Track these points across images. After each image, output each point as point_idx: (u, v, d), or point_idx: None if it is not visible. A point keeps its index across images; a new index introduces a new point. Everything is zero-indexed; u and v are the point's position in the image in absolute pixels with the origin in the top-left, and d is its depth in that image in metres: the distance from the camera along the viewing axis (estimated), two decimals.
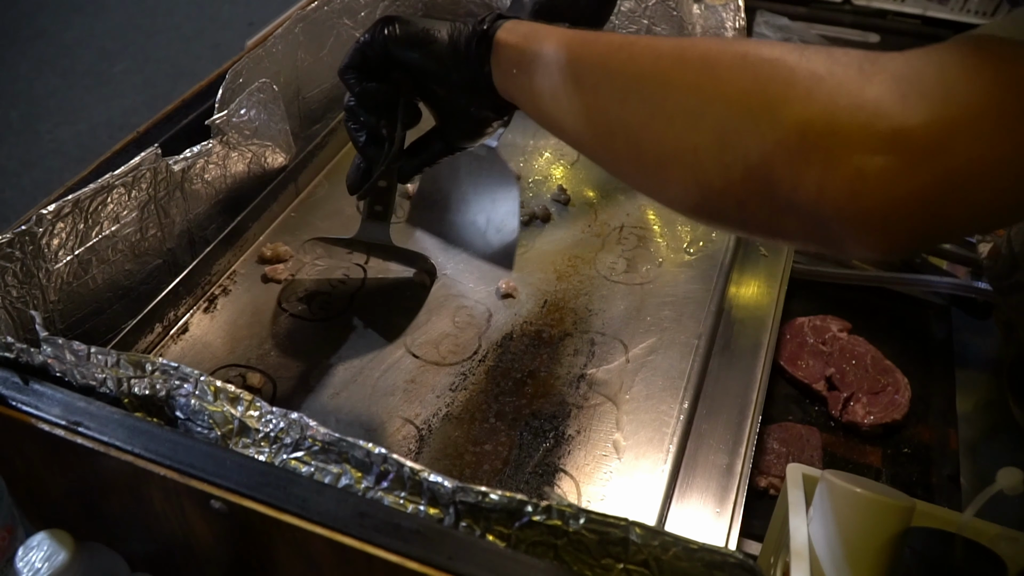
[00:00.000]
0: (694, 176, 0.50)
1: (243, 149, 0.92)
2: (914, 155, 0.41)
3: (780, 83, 0.45)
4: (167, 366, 0.60)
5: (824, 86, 0.44)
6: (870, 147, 0.41)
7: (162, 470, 0.56)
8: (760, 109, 0.46)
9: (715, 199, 0.50)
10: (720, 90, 0.48)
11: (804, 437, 0.88)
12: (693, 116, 0.49)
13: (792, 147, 0.44)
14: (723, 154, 0.48)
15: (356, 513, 0.53)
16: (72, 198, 0.73)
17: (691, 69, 0.50)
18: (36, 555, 0.60)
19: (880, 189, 0.42)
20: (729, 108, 0.47)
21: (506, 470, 0.72)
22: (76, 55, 3.10)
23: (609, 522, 0.50)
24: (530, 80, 0.62)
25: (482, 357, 0.82)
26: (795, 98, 0.44)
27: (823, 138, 0.43)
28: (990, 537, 0.58)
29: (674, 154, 0.51)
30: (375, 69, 0.71)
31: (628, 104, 0.54)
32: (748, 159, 0.46)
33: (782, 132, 0.45)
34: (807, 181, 0.44)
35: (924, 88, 0.42)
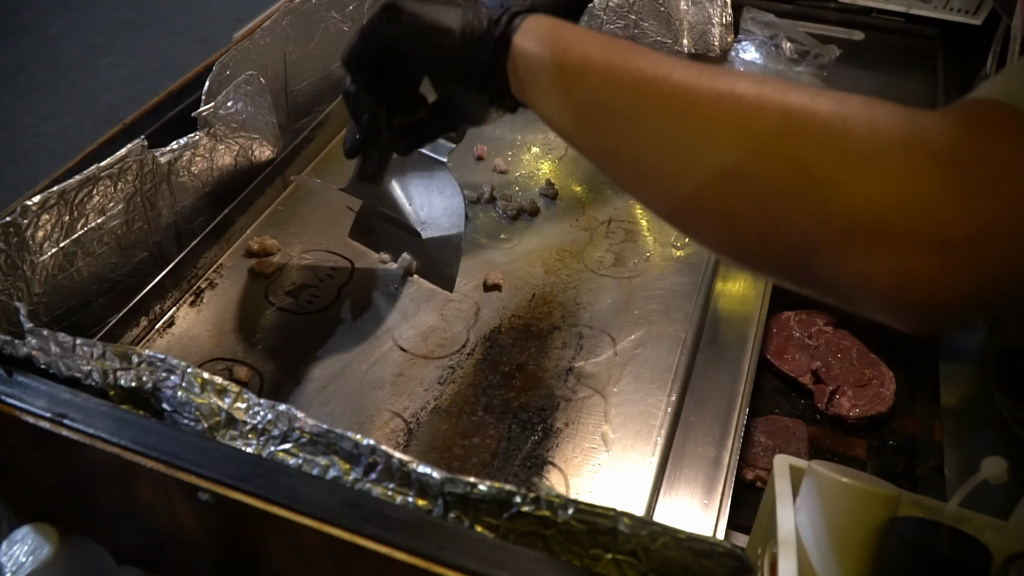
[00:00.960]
0: (730, 238, 0.50)
1: (230, 142, 0.91)
2: (958, 254, 0.41)
3: (827, 162, 0.44)
4: (154, 358, 0.60)
5: (871, 172, 0.43)
6: (915, 245, 0.41)
7: (149, 462, 0.56)
8: (806, 189, 0.45)
9: (751, 259, 0.50)
10: (762, 157, 0.46)
11: (790, 430, 0.88)
12: (732, 181, 0.48)
13: (837, 234, 0.44)
14: (763, 225, 0.47)
15: (346, 504, 0.53)
16: (57, 189, 0.73)
17: (730, 124, 0.48)
18: (20, 549, 0.60)
19: (924, 287, 0.42)
20: (771, 180, 0.46)
21: (495, 463, 0.72)
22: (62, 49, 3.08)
23: (598, 512, 0.50)
24: (550, 94, 0.58)
25: (470, 350, 0.82)
26: (843, 183, 0.43)
27: (869, 231, 0.42)
28: (975, 525, 0.58)
29: (710, 215, 0.50)
30: (378, 59, 0.68)
31: (661, 151, 0.51)
32: (790, 236, 0.46)
33: (828, 217, 0.44)
34: (849, 269, 0.44)
35: (969, 178, 0.41)
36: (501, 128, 1.14)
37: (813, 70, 1.30)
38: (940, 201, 0.41)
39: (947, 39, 1.45)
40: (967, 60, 1.38)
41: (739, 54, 1.30)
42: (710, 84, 0.50)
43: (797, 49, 1.32)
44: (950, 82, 1.35)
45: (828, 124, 0.45)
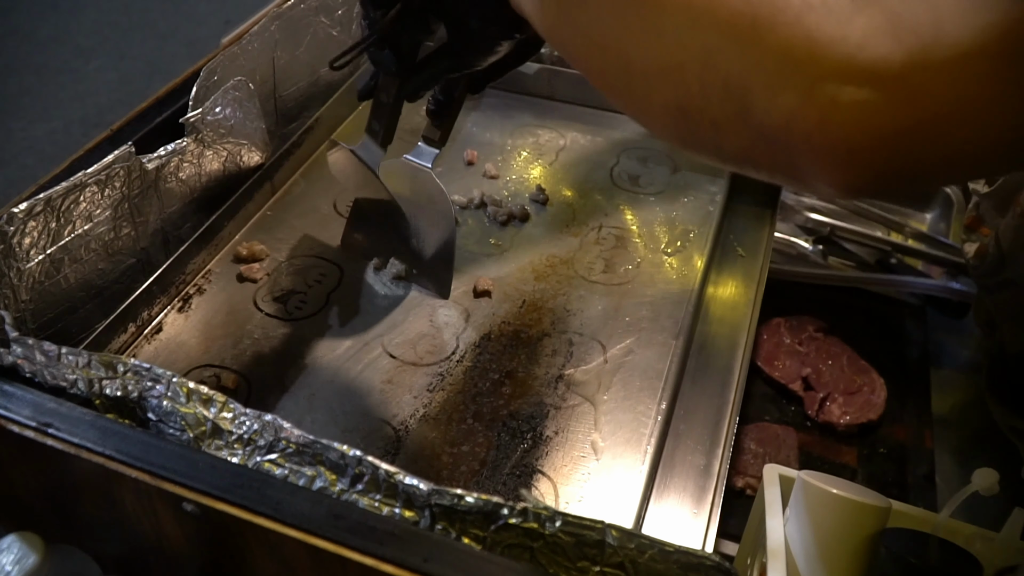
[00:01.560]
0: (675, 94, 0.50)
1: (218, 147, 0.91)
2: (891, 92, 0.40)
3: (770, 6, 0.44)
4: (139, 367, 0.59)
5: (814, 13, 0.43)
6: (847, 77, 0.41)
7: (134, 472, 0.55)
8: (747, 30, 0.45)
9: (694, 120, 0.50)
10: (711, 9, 0.47)
11: (780, 437, 0.88)
12: (682, 34, 0.48)
13: (771, 70, 0.44)
14: (705, 73, 0.47)
15: (330, 515, 0.52)
16: (44, 196, 0.72)
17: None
18: (5, 558, 0.59)
19: (851, 121, 0.41)
20: (718, 28, 0.46)
21: (483, 471, 0.71)
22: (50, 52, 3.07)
23: (585, 524, 0.50)
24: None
25: (460, 357, 0.82)
26: (782, 23, 0.43)
27: (802, 64, 0.42)
28: (965, 537, 0.58)
29: (660, 71, 0.50)
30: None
31: (625, 20, 0.52)
32: (728, 80, 0.46)
33: (763, 54, 0.44)
34: (780, 106, 0.43)
35: (915, 23, 0.40)
36: (491, 133, 1.13)
37: None
38: (881, 38, 0.40)
39: None
40: None
41: None
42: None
43: None
44: None
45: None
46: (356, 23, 1.13)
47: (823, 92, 0.41)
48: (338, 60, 0.74)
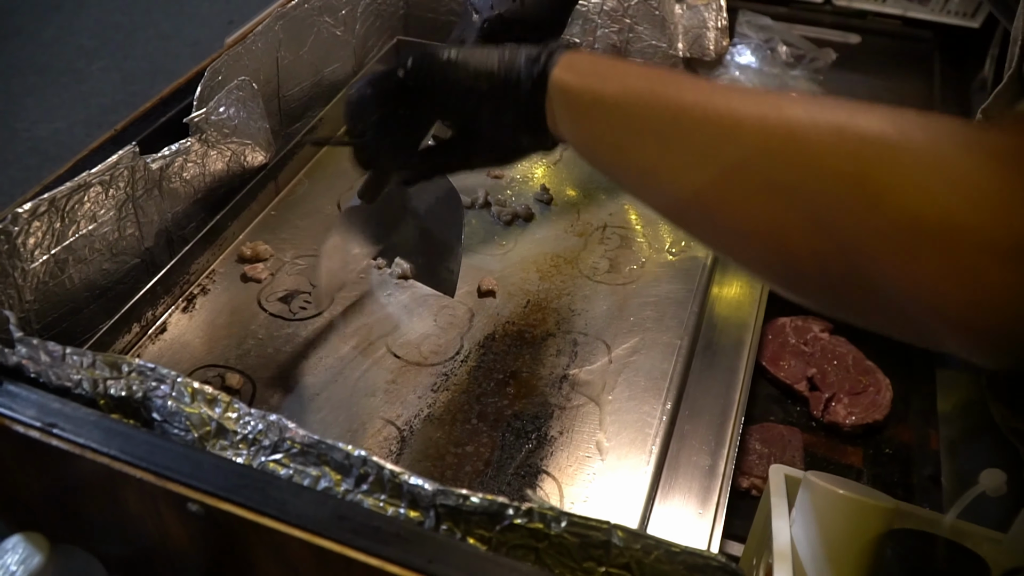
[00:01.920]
0: (780, 257, 0.47)
1: (222, 147, 0.91)
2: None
3: (884, 168, 0.41)
4: (143, 367, 0.59)
5: (933, 174, 0.39)
6: (988, 249, 0.37)
7: (138, 472, 0.55)
8: (863, 196, 0.41)
9: (804, 281, 0.47)
10: (814, 169, 0.43)
11: (786, 438, 0.88)
12: (782, 194, 0.45)
13: (899, 241, 0.40)
14: (816, 239, 0.44)
15: (335, 516, 0.52)
16: (48, 196, 0.72)
17: (777, 141, 0.46)
18: (11, 558, 0.59)
19: (1000, 294, 0.37)
20: (824, 190, 0.43)
21: (488, 471, 0.71)
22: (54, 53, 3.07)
23: (591, 525, 0.50)
24: (590, 127, 0.57)
25: (464, 357, 0.82)
26: (902, 189, 0.40)
27: (936, 234, 0.38)
28: (972, 539, 0.58)
29: (756, 232, 0.47)
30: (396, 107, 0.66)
31: (703, 174, 0.49)
32: (846, 248, 0.42)
33: (887, 223, 0.40)
34: (916, 280, 0.39)
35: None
36: None
37: (809, 74, 1.30)
38: (1011, 201, 0.37)
39: (944, 42, 1.44)
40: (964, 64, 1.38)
41: (734, 58, 1.30)
42: (754, 105, 0.48)
43: (793, 53, 1.32)
44: (947, 86, 1.35)
45: (883, 132, 0.42)
46: (359, 23, 1.13)
47: (967, 262, 0.38)
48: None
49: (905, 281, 0.40)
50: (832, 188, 0.43)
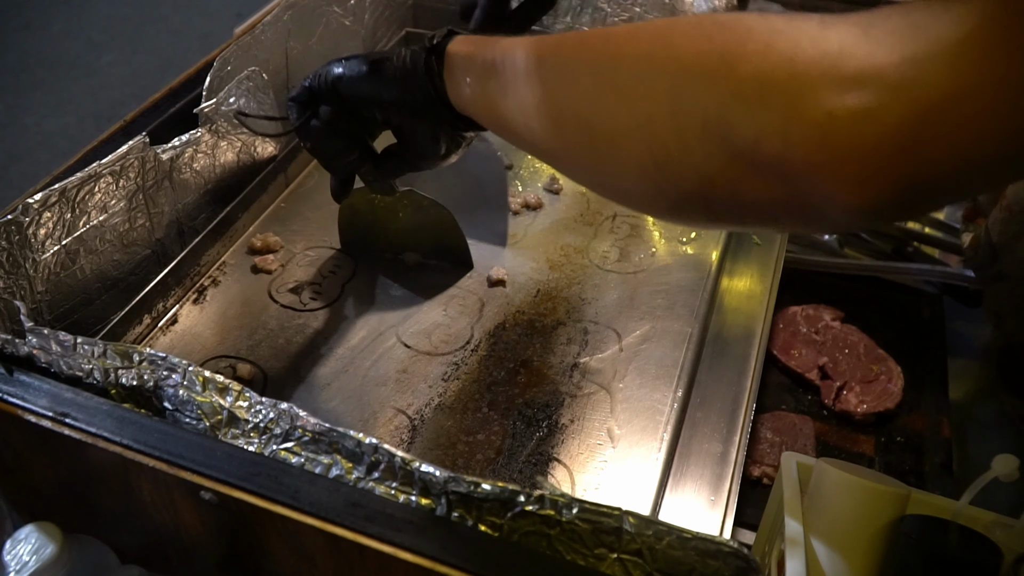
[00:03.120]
0: (649, 150, 0.48)
1: (232, 138, 0.91)
2: (885, 90, 0.38)
3: (736, 39, 0.43)
4: (155, 356, 0.60)
5: (783, 36, 0.41)
6: (836, 87, 0.39)
7: (151, 461, 0.55)
8: (715, 65, 0.44)
9: (676, 174, 0.47)
10: (673, 55, 0.46)
11: (797, 426, 0.88)
12: (645, 85, 0.48)
13: (751, 98, 0.42)
14: (678, 118, 0.46)
15: (348, 503, 0.52)
16: (59, 187, 0.72)
17: (643, 41, 0.49)
18: (24, 548, 0.59)
19: (851, 129, 0.39)
20: (683, 70, 0.45)
21: (499, 460, 0.71)
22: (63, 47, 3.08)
23: (603, 511, 0.50)
24: (484, 87, 0.61)
25: (475, 347, 0.82)
26: (753, 52, 0.42)
27: (784, 84, 0.40)
28: (985, 524, 0.58)
29: (627, 129, 0.49)
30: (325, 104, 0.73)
31: (579, 86, 0.52)
32: (706, 119, 0.44)
33: (739, 84, 0.42)
34: (770, 131, 0.41)
35: (890, 27, 0.39)
36: None
37: None
38: (860, 45, 0.39)
39: None
40: None
41: None
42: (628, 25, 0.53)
43: None
44: None
45: (741, 16, 0.45)
46: (368, 13, 1.13)
47: (815, 106, 0.39)
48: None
49: (762, 136, 0.41)
50: (689, 67, 0.45)
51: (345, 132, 0.74)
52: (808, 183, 0.41)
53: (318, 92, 0.72)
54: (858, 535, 0.57)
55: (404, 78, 0.67)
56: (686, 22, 0.49)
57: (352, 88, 0.71)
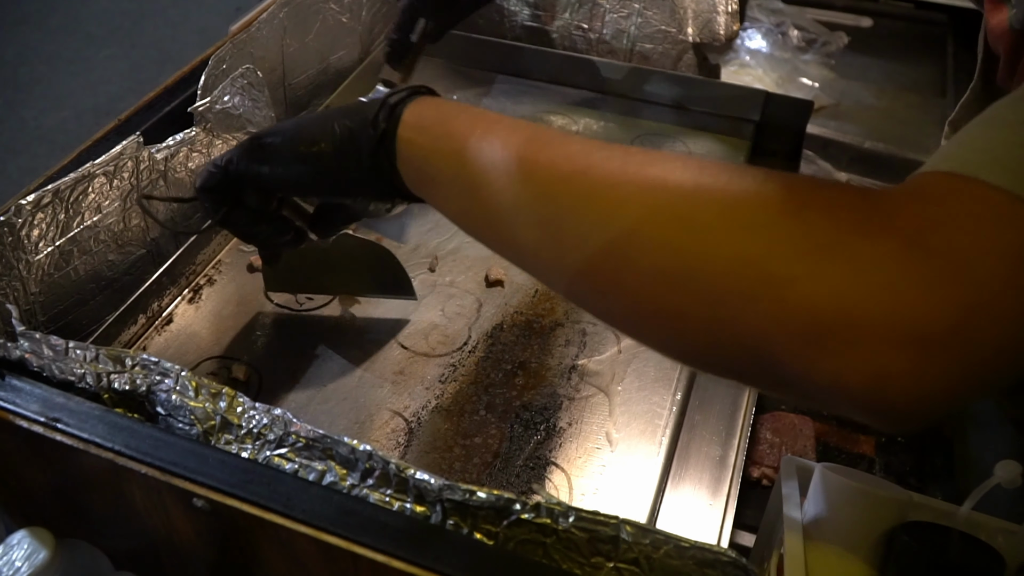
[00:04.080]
0: (679, 340, 0.45)
1: (227, 136, 0.90)
2: (936, 348, 0.36)
3: (780, 255, 0.39)
4: (147, 361, 0.59)
5: (831, 262, 0.38)
6: (888, 341, 0.37)
7: (143, 468, 0.55)
8: (760, 286, 0.40)
9: (705, 363, 0.46)
10: (705, 253, 0.41)
11: (797, 427, 0.87)
12: (674, 278, 0.42)
13: (799, 335, 0.39)
14: (714, 327, 0.42)
15: (341, 511, 0.52)
16: (52, 188, 0.72)
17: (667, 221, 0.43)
18: (16, 554, 0.59)
19: (903, 386, 0.37)
20: (718, 277, 0.41)
21: (496, 463, 0.71)
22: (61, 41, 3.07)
23: (599, 520, 0.49)
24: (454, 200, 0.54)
25: (472, 348, 0.81)
26: (800, 277, 0.39)
27: (835, 328, 0.38)
28: (987, 530, 0.57)
29: (653, 314, 0.44)
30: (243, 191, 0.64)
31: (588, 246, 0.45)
32: (746, 339, 0.41)
33: (787, 316, 0.39)
34: (818, 372, 0.39)
35: (940, 262, 0.37)
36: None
37: (821, 58, 1.29)
38: (910, 290, 0.37)
39: (957, 25, 1.43)
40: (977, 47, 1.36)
41: (744, 42, 1.28)
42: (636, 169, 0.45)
43: (804, 37, 1.30)
44: (960, 69, 1.33)
45: (778, 213, 0.40)
46: (365, 10, 1.12)
47: (869, 359, 0.37)
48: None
49: (806, 370, 0.39)
50: (724, 273, 0.41)
51: (275, 215, 0.67)
52: (849, 411, 0.40)
53: (238, 181, 0.62)
54: (859, 541, 0.56)
55: (345, 169, 0.58)
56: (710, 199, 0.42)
57: (281, 184, 0.62)
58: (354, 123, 0.57)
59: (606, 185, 0.46)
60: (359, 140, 0.56)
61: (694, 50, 1.14)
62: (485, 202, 0.51)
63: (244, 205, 0.64)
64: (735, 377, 0.46)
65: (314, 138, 0.58)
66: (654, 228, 0.43)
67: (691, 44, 1.13)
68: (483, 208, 0.52)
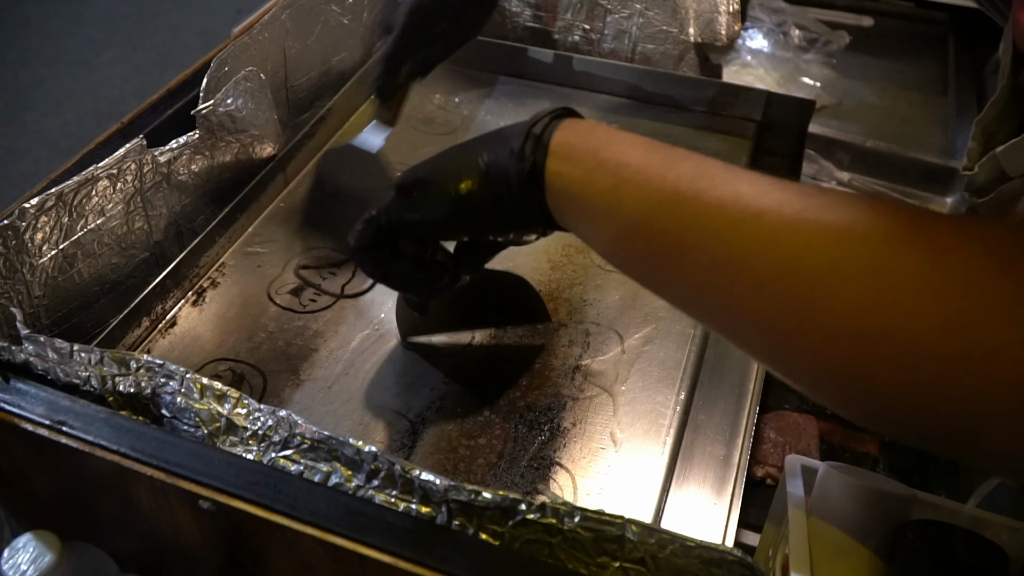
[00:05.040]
0: (865, 404, 0.42)
1: (230, 139, 0.90)
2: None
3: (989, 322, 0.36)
4: (152, 363, 0.59)
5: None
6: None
7: (149, 470, 0.55)
8: (965, 352, 0.36)
9: (894, 429, 0.44)
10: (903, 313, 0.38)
11: (801, 426, 0.87)
12: (867, 339, 0.39)
13: (1008, 407, 0.36)
14: (906, 393, 0.39)
15: (347, 512, 0.52)
16: (55, 191, 0.72)
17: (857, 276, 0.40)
18: (22, 557, 0.59)
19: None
20: (917, 341, 0.37)
21: (501, 464, 0.71)
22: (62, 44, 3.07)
23: (605, 520, 0.49)
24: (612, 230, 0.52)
25: (476, 348, 0.81)
26: (1014, 343, 0.35)
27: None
28: (993, 528, 0.57)
29: (837, 373, 0.41)
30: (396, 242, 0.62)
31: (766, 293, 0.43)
32: (942, 406, 0.38)
33: (995, 386, 0.36)
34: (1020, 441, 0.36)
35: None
36: (505, 121, 1.12)
37: (822, 58, 1.29)
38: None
39: (958, 24, 1.43)
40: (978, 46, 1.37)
41: (746, 42, 1.28)
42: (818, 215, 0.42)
43: (806, 36, 1.30)
44: (961, 69, 1.33)
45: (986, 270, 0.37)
46: (367, 11, 1.12)
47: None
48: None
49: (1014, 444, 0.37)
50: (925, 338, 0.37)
51: (431, 261, 0.65)
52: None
53: (392, 234, 0.61)
54: (864, 540, 0.56)
55: (496, 205, 0.56)
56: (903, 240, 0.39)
57: (436, 228, 0.61)
58: (499, 156, 0.55)
59: (787, 232, 0.42)
60: (508, 175, 0.54)
61: (696, 50, 1.14)
62: (645, 241, 0.49)
63: (400, 256, 0.63)
64: (927, 445, 0.44)
65: (461, 176, 0.57)
66: (841, 281, 0.40)
67: (693, 44, 1.13)
68: (642, 247, 0.50)
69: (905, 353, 0.38)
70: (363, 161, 0.88)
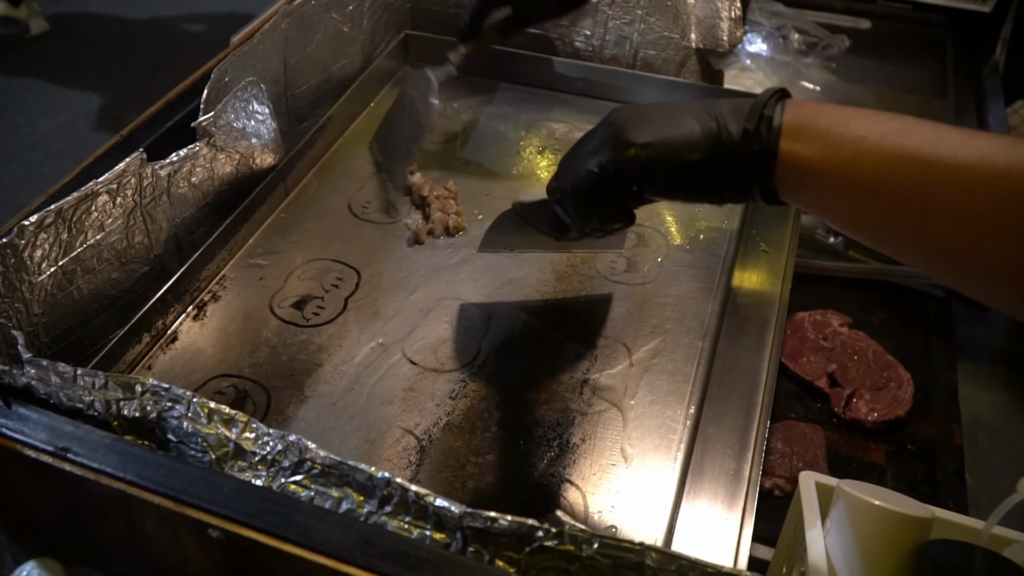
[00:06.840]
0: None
1: (230, 150, 0.89)
2: None
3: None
4: (158, 387, 0.58)
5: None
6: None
7: (155, 498, 0.54)
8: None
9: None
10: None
11: (808, 436, 0.86)
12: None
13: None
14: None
15: (361, 541, 0.51)
16: (55, 207, 0.71)
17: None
18: None
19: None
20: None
21: (510, 482, 0.70)
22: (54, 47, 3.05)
23: (624, 547, 0.48)
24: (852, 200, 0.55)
25: (482, 362, 0.80)
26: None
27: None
28: (1011, 547, 0.57)
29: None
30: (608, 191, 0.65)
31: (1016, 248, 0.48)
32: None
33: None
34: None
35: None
36: (505, 126, 1.11)
37: (822, 62, 1.28)
38: None
39: (955, 27, 1.42)
40: (976, 48, 1.36)
41: (746, 46, 1.28)
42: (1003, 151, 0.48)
43: (805, 40, 1.30)
44: (959, 71, 1.33)
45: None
46: (366, 18, 1.11)
47: None
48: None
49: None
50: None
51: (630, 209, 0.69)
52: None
53: (609, 184, 0.64)
54: (882, 560, 0.55)
55: (720, 176, 0.60)
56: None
57: (656, 188, 0.63)
58: (730, 130, 0.58)
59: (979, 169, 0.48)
60: (737, 150, 0.58)
61: (697, 56, 1.13)
62: (887, 206, 0.53)
63: (609, 203, 0.66)
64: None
65: (694, 145, 0.59)
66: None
67: (694, 50, 1.12)
68: (883, 212, 0.53)
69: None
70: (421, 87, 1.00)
